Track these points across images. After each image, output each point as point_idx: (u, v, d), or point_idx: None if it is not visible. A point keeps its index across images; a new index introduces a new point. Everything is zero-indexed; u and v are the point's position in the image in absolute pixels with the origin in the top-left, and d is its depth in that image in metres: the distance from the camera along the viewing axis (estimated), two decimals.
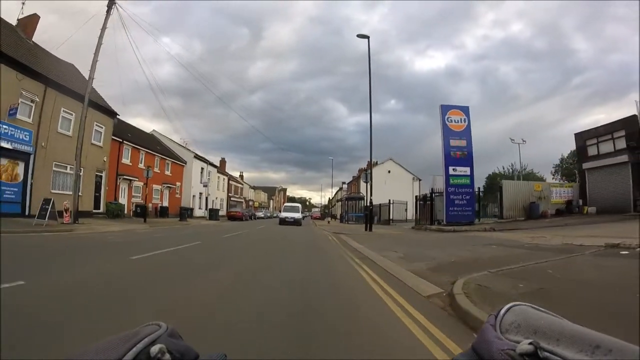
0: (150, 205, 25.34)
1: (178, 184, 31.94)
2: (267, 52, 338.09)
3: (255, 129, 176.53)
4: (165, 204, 28.79)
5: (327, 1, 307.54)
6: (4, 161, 13.79)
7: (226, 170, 51.80)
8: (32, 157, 14.80)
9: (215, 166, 42.46)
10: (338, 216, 45.87)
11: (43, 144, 15.34)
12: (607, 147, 21.99)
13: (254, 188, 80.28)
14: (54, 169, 16.21)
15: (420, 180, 37.44)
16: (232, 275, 4.76)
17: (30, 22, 18.78)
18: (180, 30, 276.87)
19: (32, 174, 14.85)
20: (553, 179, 42.41)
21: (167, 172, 30.16)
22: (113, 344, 0.33)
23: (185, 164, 33.16)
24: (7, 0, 26.63)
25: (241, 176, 70.36)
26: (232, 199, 52.24)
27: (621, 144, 20.90)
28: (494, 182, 36.14)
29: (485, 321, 0.36)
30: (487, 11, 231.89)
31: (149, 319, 0.32)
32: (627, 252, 5.82)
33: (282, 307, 3.14)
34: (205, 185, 31.57)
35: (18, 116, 14.15)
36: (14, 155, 14.13)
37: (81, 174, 17.33)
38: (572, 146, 27.04)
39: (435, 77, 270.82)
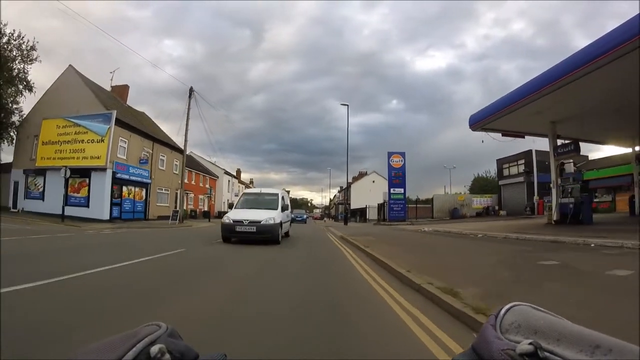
0: (197, 210, 35.96)
1: (213, 193, 42.54)
2: (268, 54, 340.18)
3: (236, 135, 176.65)
4: (206, 208, 39.39)
5: (328, 1, 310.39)
6: (137, 189, 24.33)
7: (241, 178, 62.64)
8: (149, 185, 25.34)
9: (236, 177, 53.08)
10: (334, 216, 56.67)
11: (153, 177, 25.86)
12: (514, 170, 32.38)
13: None
14: (157, 191, 26.76)
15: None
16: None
17: (123, 90, 29.29)
18: (182, 32, 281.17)
19: (149, 195, 25.39)
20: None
21: (207, 185, 40.74)
22: (113, 344, 0.33)
23: (218, 177, 43.76)
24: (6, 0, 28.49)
25: (251, 182, 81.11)
26: None
27: (522, 168, 31.29)
28: (475, 185, 46.47)
29: (485, 321, 0.36)
30: (487, 10, 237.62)
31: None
32: (421, 231, 16.12)
33: (306, 236, 13.54)
34: (236, 195, 42.14)
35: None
36: (141, 185, 24.66)
37: (168, 192, 28.08)
38: None
39: (437, 76, 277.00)
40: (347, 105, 27.22)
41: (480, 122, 16.29)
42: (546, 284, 3.94)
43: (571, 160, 31.76)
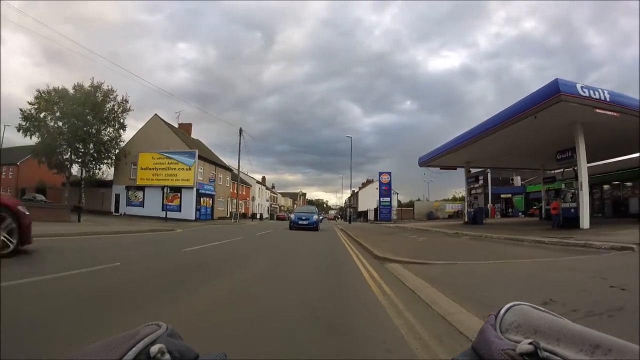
0: (239, 212, 47.59)
1: (248, 199, 54.27)
2: (280, 56, 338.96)
3: (248, 138, 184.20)
4: (243, 211, 51.07)
5: (338, 1, 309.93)
6: (207, 199, 35.96)
7: (262, 182, 74.35)
8: (214, 196, 36.98)
9: (263, 184, 64.81)
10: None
11: (216, 190, 37.49)
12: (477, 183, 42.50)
13: (283, 195, 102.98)
14: (218, 199, 38.41)
15: (397, 193, 58.44)
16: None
17: (188, 127, 41.10)
18: (194, 36, 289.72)
19: (214, 203, 37.04)
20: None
21: (243, 193, 52.44)
22: (113, 344, 0.33)
23: (251, 186, 55.46)
24: (7, 0, 30.11)
25: (273, 187, 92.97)
26: (272, 205, 74.60)
27: (481, 182, 41.47)
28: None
29: (485, 321, 0.37)
30: (498, 8, 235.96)
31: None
32: (386, 226, 26.88)
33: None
34: (267, 200, 53.78)
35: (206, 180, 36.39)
36: (209, 196, 36.30)
37: (223, 200, 39.73)
38: None
39: (450, 76, 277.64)
40: (351, 137, 37.99)
41: (425, 161, 26.90)
42: (385, 236, 14.83)
43: (519, 176, 41.75)
